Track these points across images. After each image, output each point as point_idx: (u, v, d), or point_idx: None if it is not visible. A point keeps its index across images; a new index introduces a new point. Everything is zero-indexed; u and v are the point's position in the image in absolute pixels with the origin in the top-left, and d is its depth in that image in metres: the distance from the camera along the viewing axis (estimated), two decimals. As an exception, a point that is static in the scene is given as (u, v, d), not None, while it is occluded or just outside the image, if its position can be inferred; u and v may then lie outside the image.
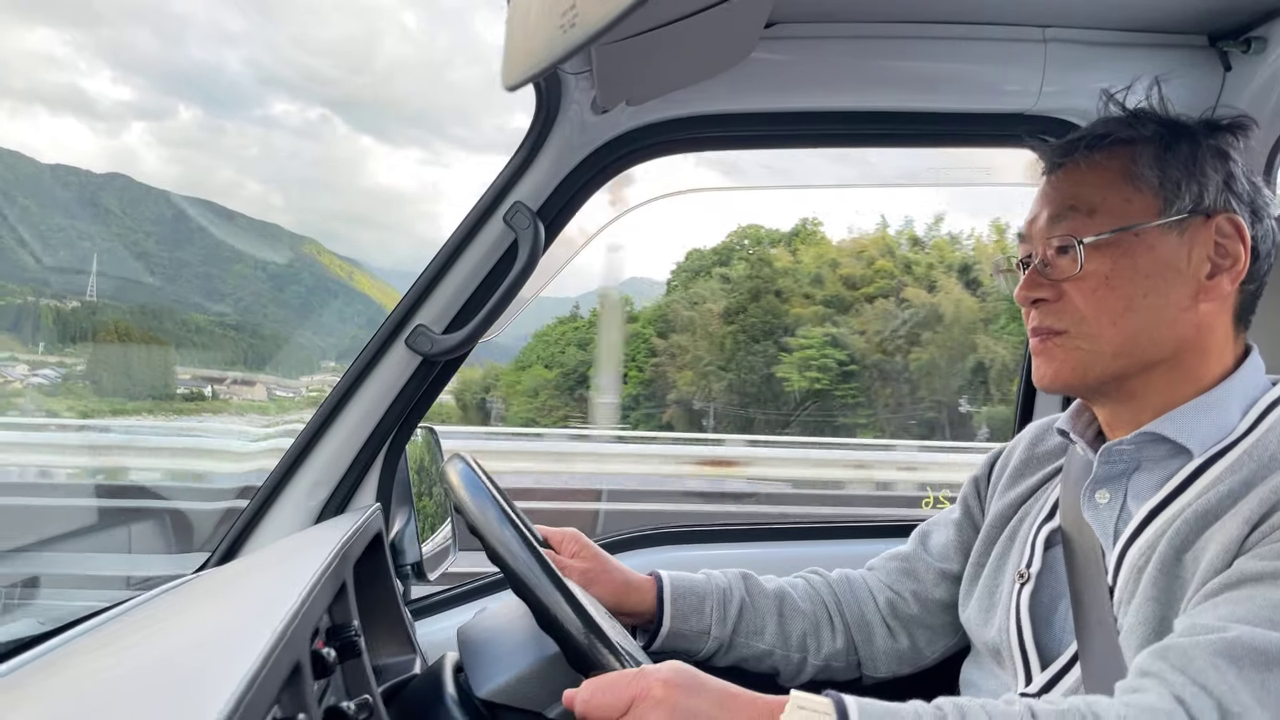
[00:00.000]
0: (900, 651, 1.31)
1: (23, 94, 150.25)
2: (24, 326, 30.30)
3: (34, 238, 46.22)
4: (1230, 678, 0.77)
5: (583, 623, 0.86)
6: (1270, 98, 1.36)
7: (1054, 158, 1.06)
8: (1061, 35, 1.40)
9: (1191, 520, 0.92)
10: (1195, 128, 1.02)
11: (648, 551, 1.59)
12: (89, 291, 38.74)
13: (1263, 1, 1.33)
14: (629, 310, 32.54)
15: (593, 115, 1.33)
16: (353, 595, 0.91)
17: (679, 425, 25.30)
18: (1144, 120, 1.03)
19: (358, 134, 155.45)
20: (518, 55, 0.74)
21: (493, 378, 34.90)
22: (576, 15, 0.64)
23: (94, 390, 23.26)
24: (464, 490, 0.97)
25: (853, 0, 1.32)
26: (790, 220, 30.51)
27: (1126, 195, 0.99)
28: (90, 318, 32.47)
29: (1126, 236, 0.98)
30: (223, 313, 47.16)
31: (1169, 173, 0.99)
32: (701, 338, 26.40)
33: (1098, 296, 0.99)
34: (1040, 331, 1.03)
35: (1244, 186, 1.00)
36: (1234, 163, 1.01)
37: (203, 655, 0.63)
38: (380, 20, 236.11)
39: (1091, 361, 1.00)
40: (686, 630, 1.27)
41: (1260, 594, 0.82)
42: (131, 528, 3.02)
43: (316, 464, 1.32)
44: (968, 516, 1.30)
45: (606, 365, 16.42)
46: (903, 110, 1.44)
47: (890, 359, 22.95)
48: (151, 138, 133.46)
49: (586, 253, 1.58)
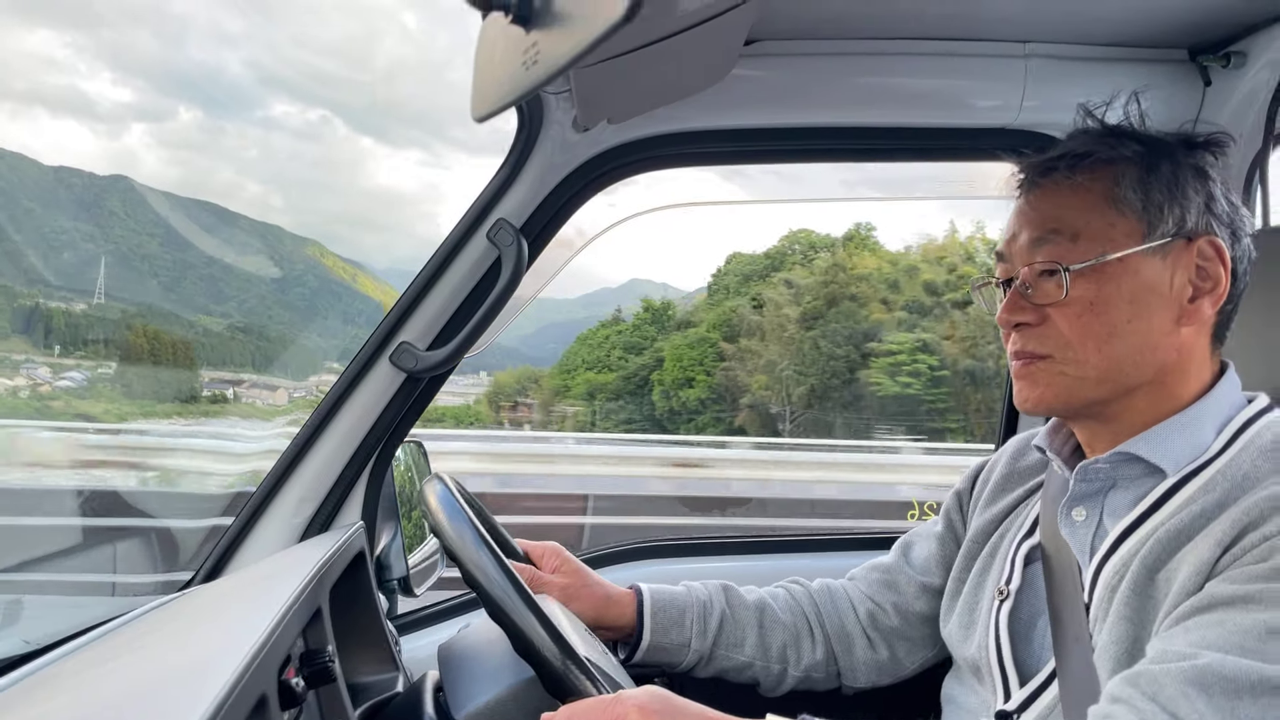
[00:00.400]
0: (880, 663, 1.32)
1: (23, 95, 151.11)
2: (35, 329, 30.40)
3: (38, 240, 46.32)
4: (1200, 706, 0.77)
5: (559, 648, 0.86)
6: (1249, 113, 1.37)
7: (1034, 176, 1.05)
8: (1042, 50, 1.40)
9: (1164, 540, 0.92)
10: (1174, 146, 1.01)
11: (629, 566, 1.60)
12: (97, 294, 38.85)
13: (1243, 16, 1.33)
14: (672, 313, 32.63)
15: (574, 133, 1.34)
16: (328, 620, 0.91)
17: (752, 429, 25.46)
18: (1124, 139, 1.02)
19: (358, 135, 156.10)
20: (485, 88, 0.75)
21: (528, 380, 34.91)
22: (538, 53, 0.65)
23: (125, 394, 23.36)
24: (441, 513, 0.97)
25: (832, 18, 1.32)
26: (838, 226, 30.74)
27: (1110, 219, 0.98)
28: (101, 320, 32.59)
29: (1111, 264, 0.97)
30: (228, 314, 47.28)
31: (1152, 195, 0.98)
32: (774, 342, 26.51)
33: (1082, 322, 0.98)
34: (1023, 355, 1.02)
35: (1223, 207, 0.99)
36: (1213, 182, 1.00)
37: (169, 687, 0.64)
38: (380, 21, 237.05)
39: (1075, 387, 1.00)
40: (667, 643, 1.28)
41: (1231, 619, 0.81)
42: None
43: (301, 480, 1.33)
44: (950, 530, 1.30)
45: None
46: (884, 126, 1.45)
47: (983, 364, 22.91)
48: (151, 139, 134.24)
49: (585, 254, 1.59)
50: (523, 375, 36.67)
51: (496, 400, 35.10)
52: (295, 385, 30.74)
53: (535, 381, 35.33)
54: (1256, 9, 1.31)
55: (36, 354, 28.07)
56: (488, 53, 0.74)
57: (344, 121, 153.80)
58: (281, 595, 0.81)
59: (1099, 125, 1.06)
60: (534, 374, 36.25)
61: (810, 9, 1.30)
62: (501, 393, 35.50)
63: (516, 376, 36.78)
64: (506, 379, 36.75)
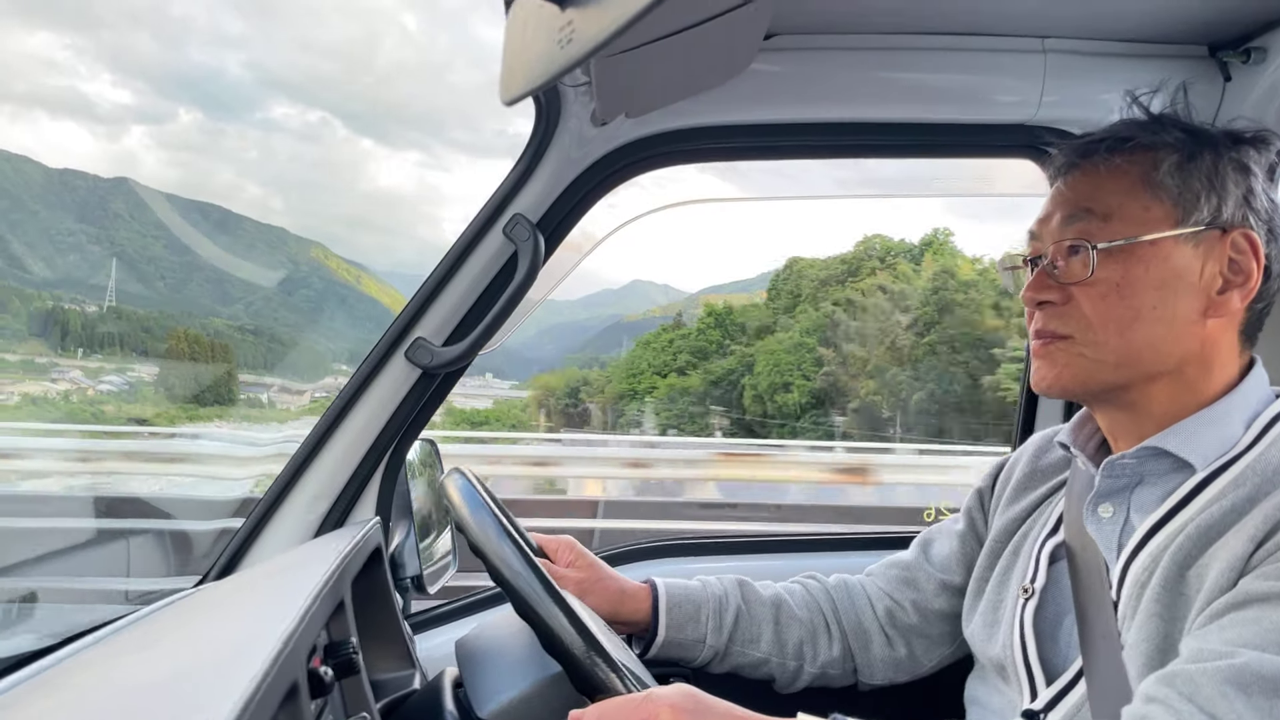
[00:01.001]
0: (897, 660, 1.31)
1: (23, 98, 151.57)
2: (52, 331, 30.41)
3: (45, 242, 46.44)
4: (1239, 706, 0.76)
5: (586, 643, 0.86)
6: (1270, 108, 1.36)
7: (1072, 157, 1.04)
8: (1061, 46, 1.39)
9: (1195, 535, 0.91)
10: (1219, 138, 1.00)
11: (644, 564, 1.59)
12: (108, 296, 38.87)
13: (1263, 12, 1.33)
14: (734, 318, 32.66)
15: (592, 128, 1.33)
16: (351, 612, 0.90)
17: (858, 433, 25.53)
18: (1167, 126, 1.00)
19: (358, 137, 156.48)
20: (516, 69, 0.74)
21: (578, 382, 34.76)
22: (574, 31, 0.64)
23: (168, 397, 23.32)
24: (464, 507, 0.96)
25: (851, 12, 1.32)
26: (909, 231, 31.23)
27: (1145, 203, 0.97)
28: (115, 322, 32.62)
29: (1142, 245, 0.96)
30: (235, 316, 47.39)
31: (1190, 183, 0.97)
32: (880, 347, 26.65)
33: (1107, 304, 0.97)
34: (1044, 334, 1.02)
35: (1263, 203, 0.98)
36: (1255, 177, 0.99)
37: (198, 675, 0.63)
38: (380, 22, 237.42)
39: (1094, 369, 0.99)
40: (682, 639, 1.27)
41: (1267, 616, 0.80)
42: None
43: (316, 477, 1.32)
44: (971, 529, 1.29)
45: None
46: (903, 121, 1.44)
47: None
48: (151, 141, 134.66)
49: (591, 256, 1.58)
50: (571, 377, 36.62)
51: (547, 403, 35.06)
52: (314, 387, 30.80)
53: (586, 383, 35.28)
54: (1276, 5, 1.30)
55: (60, 357, 28.17)
56: (519, 33, 0.73)
57: (342, 123, 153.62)
58: (305, 587, 0.80)
59: (1145, 112, 1.05)
60: (582, 376, 36.21)
61: (829, 4, 1.29)
62: (552, 395, 35.43)
63: (564, 379, 36.72)
64: (555, 381, 36.70)
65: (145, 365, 28.84)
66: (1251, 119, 1.32)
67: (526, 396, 37.22)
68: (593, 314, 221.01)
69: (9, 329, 35.84)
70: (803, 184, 1.64)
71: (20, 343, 28.73)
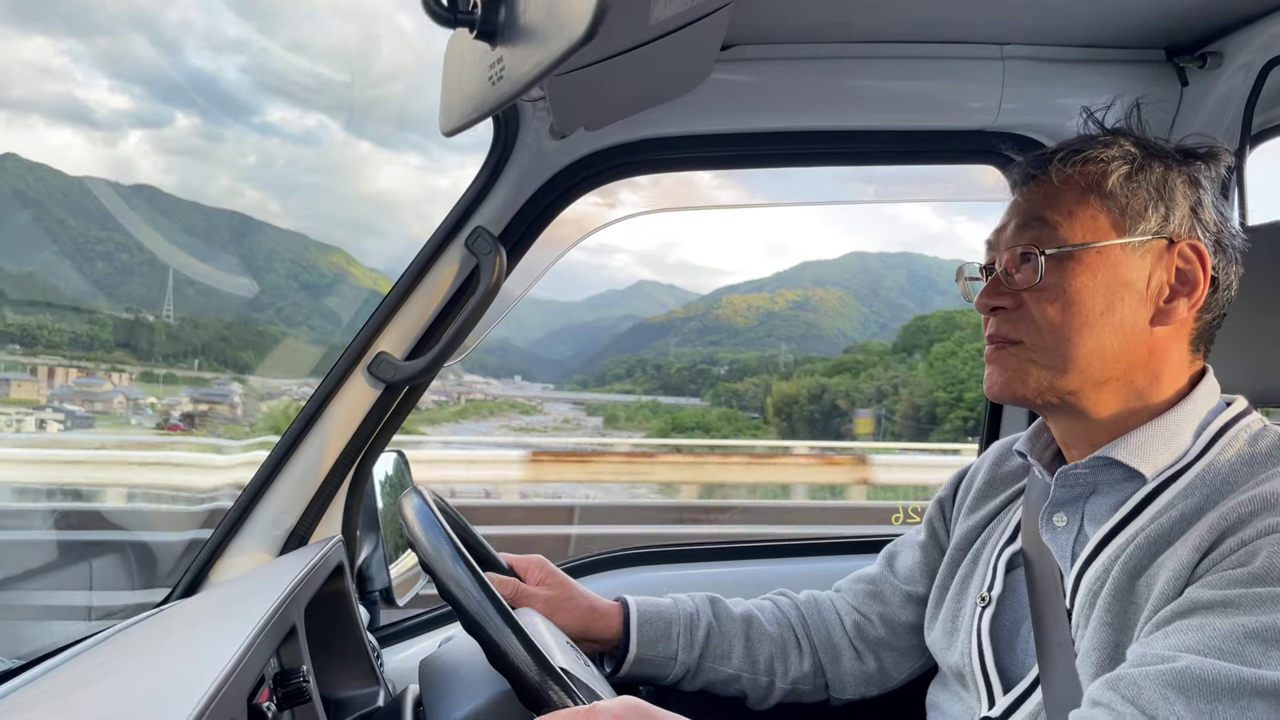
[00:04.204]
0: (868, 674, 1.32)
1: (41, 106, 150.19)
2: (141, 342, 30.01)
3: (76, 252, 46.14)
4: (1179, 709, 0.77)
5: (534, 660, 0.86)
6: (1226, 113, 1.37)
7: (1028, 169, 1.06)
8: (1020, 53, 1.40)
9: (1145, 545, 0.92)
10: (1170, 152, 1.02)
11: (617, 573, 1.59)
12: (166, 305, 38.55)
13: (1219, 17, 1.34)
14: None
15: (551, 141, 1.33)
16: (303, 638, 0.90)
17: None
18: (1120, 139, 1.02)
19: (356, 139, 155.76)
20: (453, 102, 0.74)
21: (818, 389, 33.99)
22: (503, 69, 0.64)
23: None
24: (416, 526, 0.96)
25: (809, 22, 1.32)
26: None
27: (1093, 211, 0.99)
28: (195, 332, 32.37)
29: (1089, 252, 0.98)
30: (271, 321, 47.10)
31: (1137, 193, 0.99)
32: None
33: (1055, 308, 0.98)
34: (996, 339, 1.03)
35: (1212, 216, 1.00)
36: (1204, 191, 1.01)
37: (139, 713, 0.63)
38: (379, 25, 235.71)
39: (1042, 374, 1.00)
40: (653, 656, 1.27)
41: (1210, 623, 0.81)
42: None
43: (280, 493, 1.32)
44: (933, 539, 1.30)
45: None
46: (864, 129, 1.44)
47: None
48: (174, 148, 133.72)
49: (590, 256, 1.59)
50: (808, 385, 36.09)
51: (788, 409, 34.51)
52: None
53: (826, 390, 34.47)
54: (1231, 10, 1.31)
55: (179, 369, 27.97)
56: (455, 67, 0.73)
57: (340, 126, 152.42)
58: (254, 615, 0.80)
59: (1099, 126, 1.07)
60: (819, 383, 35.67)
61: (786, 14, 1.29)
62: (795, 401, 34.76)
63: (800, 386, 36.15)
64: (789, 388, 36.11)
65: (250, 375, 28.75)
66: (1204, 132, 1.34)
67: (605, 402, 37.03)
68: (600, 315, 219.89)
69: (98, 340, 35.59)
70: (779, 191, 1.65)
71: (145, 361, 28.58)
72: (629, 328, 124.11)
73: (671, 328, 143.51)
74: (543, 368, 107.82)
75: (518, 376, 36.06)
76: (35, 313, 35.23)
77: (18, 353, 31.18)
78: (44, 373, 29.63)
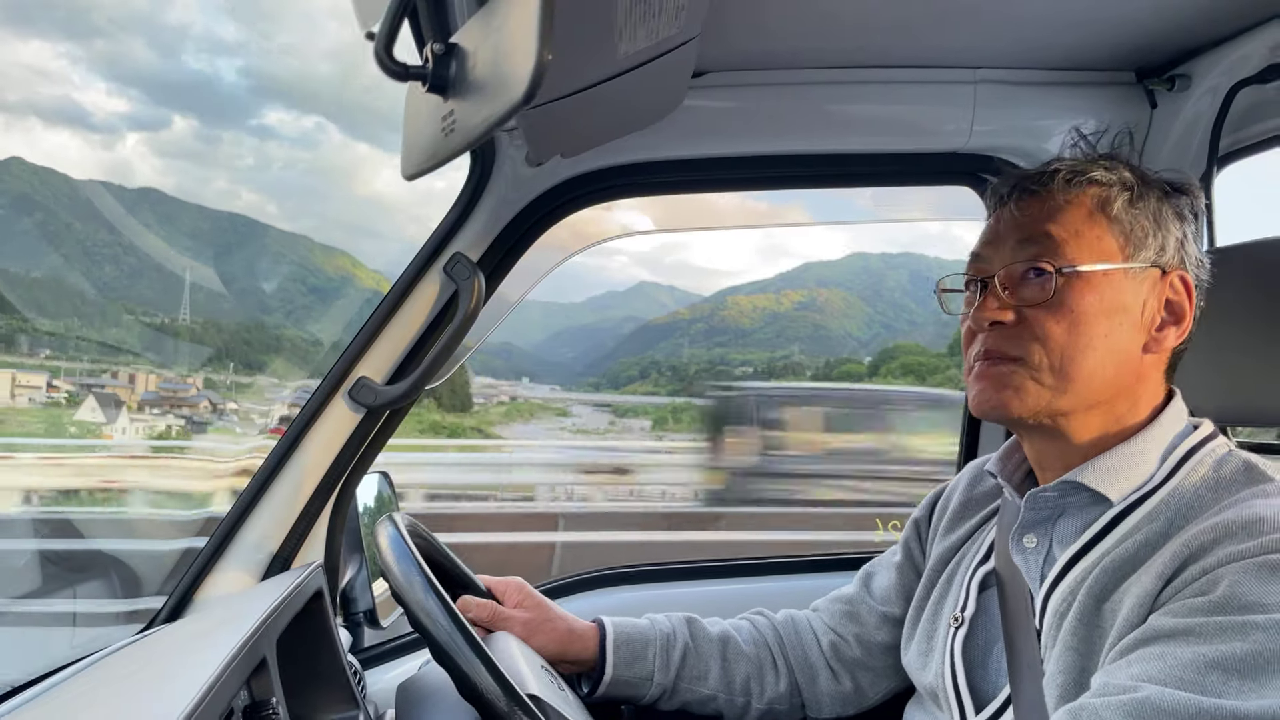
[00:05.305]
0: (844, 694, 1.33)
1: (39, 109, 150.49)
2: (168, 346, 29.81)
3: (83, 255, 46.08)
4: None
5: (502, 690, 0.87)
6: (1195, 134, 1.38)
7: (1028, 184, 1.04)
8: (991, 76, 1.41)
9: (1110, 569, 0.93)
10: (1159, 183, 1.03)
11: (596, 594, 1.60)
12: (184, 309, 38.37)
13: (1188, 39, 1.35)
14: None
15: (528, 168, 1.35)
16: (275, 669, 0.92)
17: None
18: (1119, 164, 1.03)
19: (354, 142, 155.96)
20: (413, 149, 0.76)
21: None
22: (455, 121, 0.66)
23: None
24: (389, 555, 0.98)
25: (780, 49, 1.33)
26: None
27: (1099, 233, 0.99)
28: (216, 334, 32.27)
29: (1096, 274, 0.98)
30: (281, 324, 47.02)
31: (1139, 221, 0.99)
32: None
33: (1061, 328, 0.98)
34: (993, 355, 1.01)
35: (1193, 250, 1.02)
36: (1188, 224, 1.02)
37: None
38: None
39: (1041, 393, 0.99)
40: (630, 676, 1.28)
41: (1171, 652, 0.82)
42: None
43: (263, 518, 1.33)
44: (909, 559, 1.31)
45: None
46: (837, 153, 1.46)
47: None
48: (175, 152, 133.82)
49: (590, 258, 1.62)
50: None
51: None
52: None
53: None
54: (1199, 33, 1.33)
55: (212, 372, 27.94)
56: (413, 115, 0.75)
57: (338, 129, 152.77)
58: (224, 647, 0.81)
59: (1091, 150, 1.07)
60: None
61: (758, 41, 1.31)
62: None
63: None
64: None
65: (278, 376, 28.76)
66: (1173, 153, 1.35)
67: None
68: (601, 317, 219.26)
69: (125, 343, 35.43)
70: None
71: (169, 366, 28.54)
72: (632, 329, 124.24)
73: (676, 329, 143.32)
74: (547, 370, 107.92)
75: (525, 379, 36.11)
76: (63, 317, 35.34)
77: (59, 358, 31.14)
78: (125, 377, 29.55)
